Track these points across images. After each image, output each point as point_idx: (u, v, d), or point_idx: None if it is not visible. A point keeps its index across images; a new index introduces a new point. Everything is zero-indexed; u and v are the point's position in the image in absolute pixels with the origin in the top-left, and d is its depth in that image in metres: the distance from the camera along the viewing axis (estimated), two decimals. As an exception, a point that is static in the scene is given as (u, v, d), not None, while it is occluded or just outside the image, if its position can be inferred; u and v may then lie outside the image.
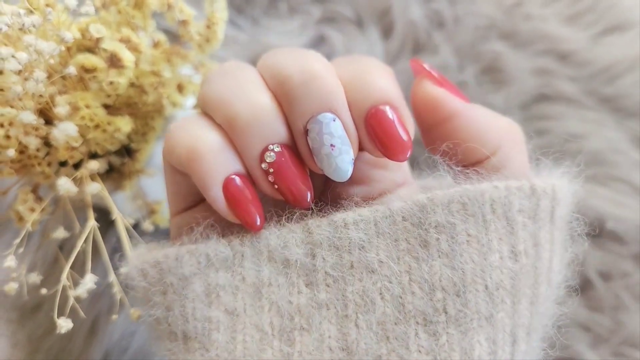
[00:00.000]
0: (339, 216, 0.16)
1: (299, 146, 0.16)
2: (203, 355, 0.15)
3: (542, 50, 0.37)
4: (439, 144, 0.17)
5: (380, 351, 0.15)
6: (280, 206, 0.17)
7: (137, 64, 0.21)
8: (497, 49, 0.37)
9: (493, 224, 0.15)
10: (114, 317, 0.21)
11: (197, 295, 0.16)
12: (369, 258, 0.15)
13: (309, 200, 0.16)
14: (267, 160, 0.15)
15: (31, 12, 0.20)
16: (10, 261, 0.20)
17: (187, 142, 0.16)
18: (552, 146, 0.36)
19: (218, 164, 0.15)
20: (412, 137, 0.16)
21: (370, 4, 0.38)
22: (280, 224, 0.16)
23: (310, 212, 0.16)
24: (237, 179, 0.15)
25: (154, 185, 0.28)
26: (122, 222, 0.21)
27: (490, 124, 0.17)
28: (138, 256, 0.17)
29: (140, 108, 0.23)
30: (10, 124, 0.20)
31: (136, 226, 0.24)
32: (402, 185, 0.18)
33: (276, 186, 0.16)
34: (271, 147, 0.15)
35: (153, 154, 0.26)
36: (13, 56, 0.19)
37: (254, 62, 0.39)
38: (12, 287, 0.20)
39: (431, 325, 0.15)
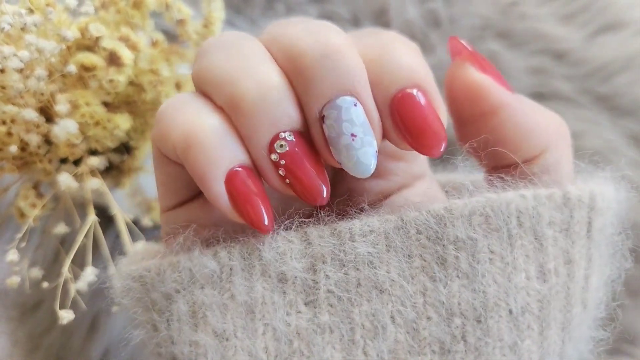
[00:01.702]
0: (344, 226, 0.14)
1: (313, 134, 0.13)
2: None
3: (537, 50, 0.37)
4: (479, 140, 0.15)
5: None
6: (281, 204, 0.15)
7: (136, 62, 0.21)
8: (493, 48, 0.37)
9: (519, 240, 0.14)
10: (115, 308, 0.21)
11: (182, 315, 0.14)
12: (379, 276, 0.13)
13: (325, 196, 0.13)
14: (278, 151, 0.13)
15: (32, 11, 0.20)
16: (13, 255, 0.20)
17: (183, 128, 0.13)
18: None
19: (219, 154, 0.13)
20: (446, 127, 0.14)
21: (366, 4, 0.38)
22: (275, 232, 0.14)
23: (311, 217, 0.14)
24: (242, 172, 0.13)
25: (152, 182, 0.28)
26: (122, 217, 0.22)
27: (539, 122, 0.14)
28: (126, 266, 0.16)
29: (139, 106, 0.23)
30: (12, 121, 0.20)
31: (135, 223, 0.25)
32: (420, 179, 0.16)
33: (287, 180, 0.13)
34: (283, 134, 0.13)
35: (151, 152, 0.26)
36: (15, 55, 0.19)
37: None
38: (14, 280, 0.21)
39: (449, 355, 0.13)
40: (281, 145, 0.13)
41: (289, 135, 0.13)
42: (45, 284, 0.21)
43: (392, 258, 0.14)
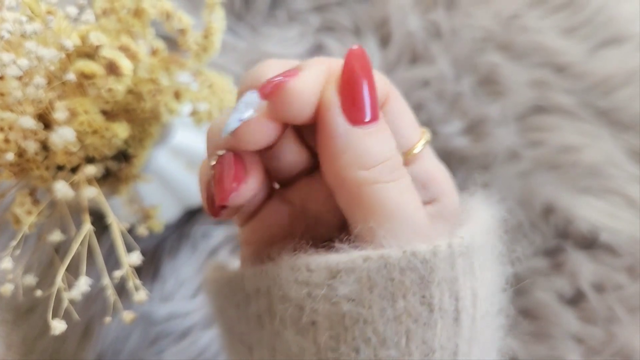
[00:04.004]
0: (333, 259, 0.15)
1: None
2: None
3: (538, 63, 0.37)
4: None
5: None
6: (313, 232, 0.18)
7: (136, 71, 0.21)
8: (494, 60, 0.37)
9: (478, 271, 0.15)
10: (107, 319, 0.21)
11: (254, 314, 0.17)
12: (362, 314, 0.14)
13: (218, 209, 0.16)
14: (211, 163, 0.17)
15: (32, 19, 0.20)
16: (7, 263, 0.20)
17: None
18: (548, 158, 0.36)
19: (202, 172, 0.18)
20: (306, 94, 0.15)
21: (368, 14, 0.38)
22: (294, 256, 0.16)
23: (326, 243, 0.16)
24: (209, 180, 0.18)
25: (150, 190, 0.28)
26: (117, 227, 0.22)
27: None
28: (211, 272, 0.20)
29: (138, 114, 0.23)
30: (10, 128, 0.20)
31: (131, 230, 0.24)
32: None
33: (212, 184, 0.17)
34: (219, 152, 0.17)
35: (150, 159, 0.26)
36: (14, 62, 0.19)
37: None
38: (7, 288, 0.21)
39: None
40: (213, 160, 0.17)
41: (220, 152, 0.16)
42: (39, 292, 0.21)
43: (374, 298, 0.14)
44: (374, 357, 0.14)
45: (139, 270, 0.22)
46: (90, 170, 0.22)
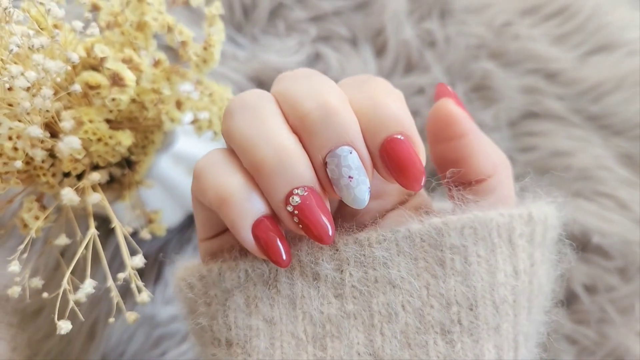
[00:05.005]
0: (363, 235, 0.17)
1: (319, 176, 0.16)
2: None
3: (530, 69, 0.38)
4: (447, 157, 0.19)
5: (403, 357, 0.16)
6: None
7: (138, 82, 0.22)
8: (487, 67, 0.38)
9: (499, 247, 0.17)
10: (111, 320, 0.22)
11: (238, 306, 0.17)
12: (392, 274, 0.17)
13: (330, 235, 0.16)
14: (292, 204, 0.16)
15: (40, 33, 0.21)
16: (14, 266, 0.21)
17: (216, 188, 0.16)
18: (540, 162, 0.37)
19: (245, 210, 0.16)
20: (424, 164, 0.17)
21: (364, 23, 0.39)
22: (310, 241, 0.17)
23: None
24: (264, 221, 0.16)
25: (152, 195, 0.29)
26: (120, 230, 0.22)
27: (491, 150, 0.19)
28: (182, 271, 0.19)
29: (141, 123, 0.24)
30: (18, 137, 0.21)
31: (135, 234, 0.25)
32: (413, 195, 0.19)
33: (300, 225, 0.16)
34: (296, 191, 0.16)
35: (152, 166, 0.27)
36: (22, 74, 0.20)
37: (252, 77, 0.40)
38: (15, 290, 0.21)
39: (448, 335, 0.16)
40: (294, 200, 0.16)
41: (301, 190, 0.16)
42: (45, 294, 0.22)
43: (401, 260, 0.17)
44: (401, 306, 0.16)
45: (142, 273, 0.23)
46: (95, 176, 0.22)
